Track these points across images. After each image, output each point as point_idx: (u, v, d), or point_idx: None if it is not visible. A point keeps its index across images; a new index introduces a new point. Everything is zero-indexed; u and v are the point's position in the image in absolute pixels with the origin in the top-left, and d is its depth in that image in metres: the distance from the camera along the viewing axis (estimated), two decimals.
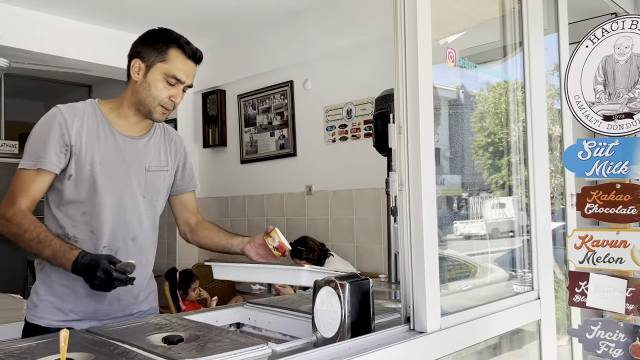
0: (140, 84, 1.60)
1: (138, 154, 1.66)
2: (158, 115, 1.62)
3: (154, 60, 1.59)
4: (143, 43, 1.63)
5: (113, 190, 1.60)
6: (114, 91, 6.01)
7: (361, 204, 4.11)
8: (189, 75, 1.62)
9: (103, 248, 1.59)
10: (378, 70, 4.01)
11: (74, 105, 1.61)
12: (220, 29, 5.09)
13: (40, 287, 1.61)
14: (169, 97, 1.60)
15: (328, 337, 1.24)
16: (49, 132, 1.53)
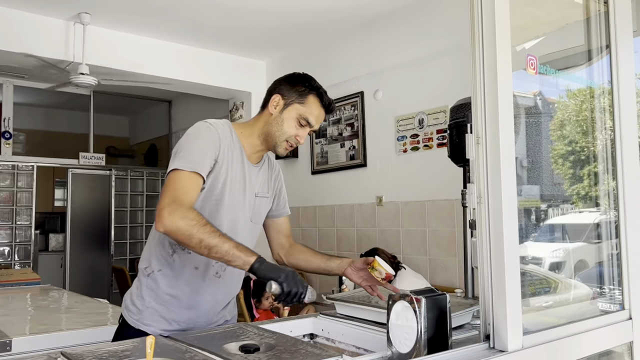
0: (274, 118, 1.70)
1: (253, 180, 1.74)
2: (281, 150, 1.71)
3: (293, 101, 1.70)
4: (287, 82, 1.74)
5: (232, 210, 1.67)
6: (192, 105, 6.31)
7: (434, 216, 4.02)
8: (318, 121, 1.73)
9: (215, 263, 1.64)
10: (451, 78, 3.94)
11: (221, 124, 1.69)
12: (291, 43, 5.20)
13: (145, 293, 1.65)
14: (295, 136, 1.70)
15: (404, 352, 1.22)
16: (206, 143, 1.60)
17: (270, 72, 5.72)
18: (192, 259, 1.62)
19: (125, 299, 1.71)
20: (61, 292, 3.37)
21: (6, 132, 6.24)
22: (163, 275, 1.64)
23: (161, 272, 1.64)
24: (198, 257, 1.59)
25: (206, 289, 1.67)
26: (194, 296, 1.65)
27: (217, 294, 1.70)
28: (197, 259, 1.61)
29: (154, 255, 1.66)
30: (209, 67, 5.42)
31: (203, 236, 1.46)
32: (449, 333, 1.26)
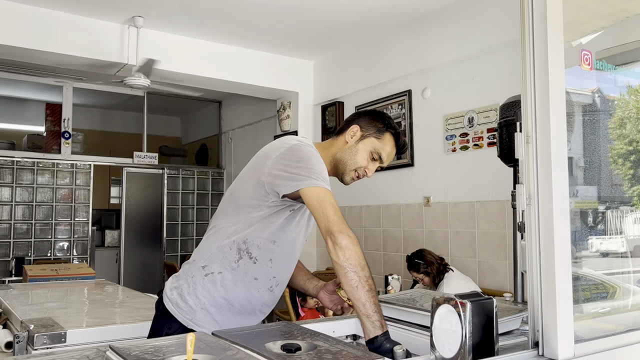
0: (349, 147, 1.73)
1: None
2: (348, 179, 1.75)
3: (370, 134, 1.73)
4: (367, 117, 1.77)
5: (300, 231, 1.71)
6: (241, 106, 6.42)
7: (484, 217, 3.92)
8: (388, 159, 1.76)
9: (272, 278, 1.69)
10: (502, 75, 3.83)
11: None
12: (338, 42, 5.19)
13: (200, 293, 1.64)
14: (365, 168, 1.73)
15: (447, 357, 1.19)
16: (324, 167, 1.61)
17: (318, 72, 5.74)
18: (255, 269, 1.64)
19: (172, 294, 1.68)
20: (115, 287, 3.49)
21: (66, 132, 6.53)
22: (222, 278, 1.64)
23: (221, 274, 1.64)
24: (261, 269, 1.64)
25: (258, 299, 1.69)
26: (245, 304, 1.67)
27: (264, 306, 1.73)
28: (259, 270, 1.64)
29: (217, 258, 1.65)
30: (258, 68, 5.49)
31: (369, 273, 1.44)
32: (496, 339, 1.21)
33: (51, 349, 1.87)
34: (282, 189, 1.56)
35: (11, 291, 3.05)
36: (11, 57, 4.76)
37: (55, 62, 4.91)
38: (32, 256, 6.20)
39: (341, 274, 1.44)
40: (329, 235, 1.45)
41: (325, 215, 1.48)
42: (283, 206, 1.62)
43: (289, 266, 1.74)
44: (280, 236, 1.65)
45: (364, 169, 1.73)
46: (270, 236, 1.64)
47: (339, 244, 1.43)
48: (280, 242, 1.65)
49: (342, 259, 1.42)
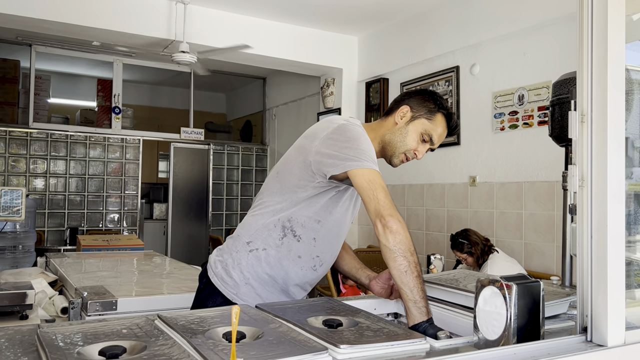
0: (399, 128, 1.68)
1: None
2: (397, 161, 1.71)
3: (421, 115, 1.67)
4: (417, 96, 1.72)
5: (346, 212, 1.70)
6: (285, 82, 6.44)
7: (532, 198, 3.82)
8: (439, 140, 1.71)
9: (316, 257, 1.68)
10: (555, 51, 3.68)
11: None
12: (383, 17, 5.09)
13: (245, 269, 1.66)
14: (415, 150, 1.68)
15: (491, 339, 1.17)
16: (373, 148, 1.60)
17: (363, 48, 5.66)
18: (299, 247, 1.64)
19: (216, 267, 1.69)
20: (163, 258, 3.61)
21: (116, 107, 6.72)
22: (267, 255, 1.65)
23: (265, 251, 1.65)
24: (304, 247, 1.64)
25: (301, 277, 1.69)
26: (289, 281, 1.68)
27: (307, 284, 1.73)
28: (302, 248, 1.64)
29: (261, 235, 1.66)
30: (302, 44, 5.46)
31: (417, 260, 1.45)
32: (541, 323, 1.19)
33: (103, 316, 1.96)
34: (330, 169, 1.54)
35: (66, 260, 3.20)
36: (65, 34, 4.91)
37: (105, 39, 5.03)
38: (84, 227, 6.48)
39: (390, 258, 1.44)
40: (379, 219, 1.44)
41: (376, 197, 1.46)
42: (329, 187, 1.61)
43: (333, 246, 1.73)
44: (324, 216, 1.65)
45: (414, 151, 1.68)
46: (315, 215, 1.63)
47: (389, 228, 1.42)
48: (324, 222, 1.65)
49: (392, 243, 1.43)
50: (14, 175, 6.13)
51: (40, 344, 1.08)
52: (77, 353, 1.04)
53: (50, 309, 2.17)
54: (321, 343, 1.12)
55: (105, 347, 1.06)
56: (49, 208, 6.30)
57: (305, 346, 1.10)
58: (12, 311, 1.94)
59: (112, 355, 1.03)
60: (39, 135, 6.24)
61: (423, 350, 1.15)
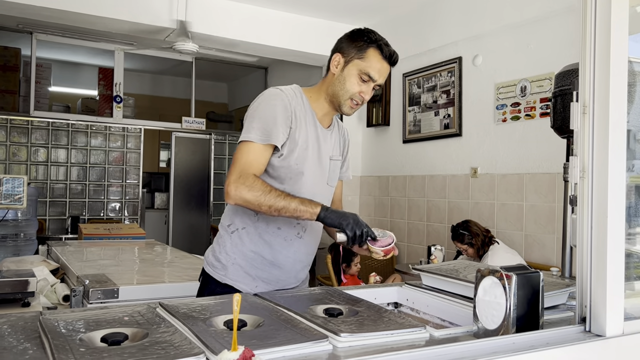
0: (337, 78, 1.68)
1: (328, 144, 1.77)
2: (347, 109, 1.70)
3: (352, 57, 1.66)
4: (346, 40, 1.71)
5: (312, 175, 1.71)
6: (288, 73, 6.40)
7: (532, 190, 3.82)
8: (381, 75, 1.68)
9: (297, 224, 1.70)
10: (558, 42, 3.66)
11: (290, 90, 1.70)
12: (386, 7, 5.07)
13: (230, 250, 1.71)
14: (359, 93, 1.67)
15: (490, 328, 1.18)
16: (277, 111, 1.62)
17: None
18: (275, 219, 1.66)
19: (208, 256, 1.77)
20: (164, 247, 3.63)
21: (117, 96, 6.70)
22: (247, 233, 1.69)
23: (245, 230, 1.69)
24: (280, 218, 1.65)
25: (288, 248, 1.71)
26: (276, 254, 1.70)
27: (298, 253, 1.74)
28: (279, 220, 1.66)
29: (239, 215, 1.71)
30: (305, 34, 5.43)
31: (271, 202, 1.53)
32: (541, 313, 1.20)
33: (105, 304, 1.97)
34: None
35: (68, 248, 3.22)
36: (66, 21, 4.89)
37: (106, 26, 5.01)
38: (86, 215, 6.49)
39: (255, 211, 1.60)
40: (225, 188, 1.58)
41: (230, 169, 1.60)
42: (273, 153, 1.65)
43: None
44: (289, 183, 1.66)
45: (359, 94, 1.67)
46: (280, 185, 1.65)
47: (227, 193, 1.56)
48: (291, 189, 1.65)
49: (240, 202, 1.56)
50: (15, 164, 6.13)
51: (42, 331, 1.09)
52: (80, 339, 1.05)
53: (52, 297, 2.18)
54: (322, 331, 1.13)
55: (107, 334, 1.07)
56: (50, 197, 6.31)
57: (306, 334, 1.11)
58: (14, 299, 1.95)
59: (114, 342, 1.04)
60: (40, 124, 6.24)
61: (423, 339, 1.16)
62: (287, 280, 1.75)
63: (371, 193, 5.53)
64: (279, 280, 1.73)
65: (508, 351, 1.03)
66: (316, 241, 1.82)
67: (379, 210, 5.40)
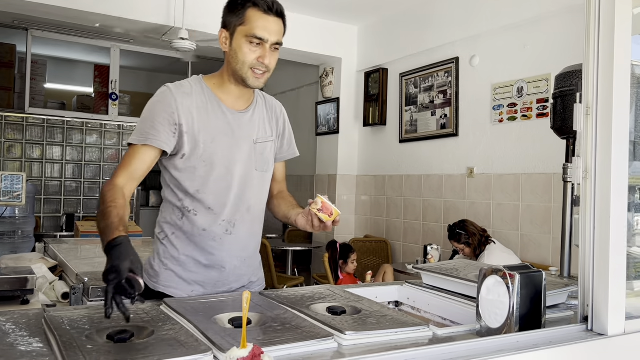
0: (229, 54, 1.59)
1: (246, 127, 1.66)
2: (252, 81, 1.58)
3: (235, 26, 1.56)
4: (226, 12, 1.61)
5: (228, 165, 1.61)
6: (284, 71, 6.37)
7: (529, 190, 3.84)
8: (270, 32, 1.55)
9: (222, 222, 1.62)
10: (554, 44, 3.68)
11: (182, 84, 1.62)
12: (383, 7, 5.07)
13: (164, 257, 1.63)
14: (257, 59, 1.55)
15: (494, 327, 1.19)
16: (158, 110, 1.56)
17: (362, 37, 5.65)
18: (198, 221, 1.60)
19: (145, 265, 1.65)
20: None
21: (113, 93, 6.68)
22: (176, 237, 1.63)
23: (174, 235, 1.63)
24: (203, 220, 1.59)
25: (219, 248, 1.63)
26: (208, 256, 1.62)
27: (231, 251, 1.65)
28: (203, 221, 1.60)
29: (166, 221, 1.65)
30: (301, 33, 5.43)
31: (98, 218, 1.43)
32: (543, 312, 1.21)
33: None
34: None
35: (63, 245, 3.21)
36: (62, 18, 4.86)
37: (103, 23, 4.99)
38: (81, 213, 6.46)
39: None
40: None
41: None
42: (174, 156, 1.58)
43: (236, 204, 1.64)
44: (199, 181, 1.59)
45: (257, 60, 1.55)
46: (190, 186, 1.59)
47: None
48: (203, 189, 1.59)
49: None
50: (10, 161, 6.10)
51: (48, 328, 1.09)
52: (86, 337, 1.05)
53: (50, 294, 2.18)
54: (326, 329, 1.14)
55: (114, 331, 1.07)
56: (45, 194, 6.28)
57: (311, 332, 1.11)
58: (13, 296, 1.94)
59: (120, 339, 1.04)
60: (35, 121, 6.20)
61: (426, 337, 1.17)
62: (227, 280, 1.66)
63: (367, 192, 5.54)
64: (217, 282, 1.64)
65: (512, 349, 1.04)
66: (253, 233, 1.71)
67: (375, 209, 5.41)
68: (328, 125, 5.76)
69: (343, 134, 5.60)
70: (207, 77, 1.67)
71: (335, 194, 5.61)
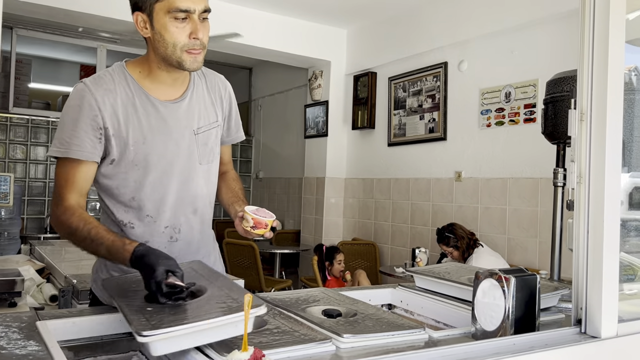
0: (154, 38, 1.37)
1: (184, 118, 1.46)
2: (189, 64, 1.37)
3: (151, 4, 1.34)
4: None
5: (165, 166, 1.44)
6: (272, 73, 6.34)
7: (516, 194, 3.88)
8: (195, 1, 1.35)
9: (165, 229, 1.46)
10: (542, 50, 3.73)
11: (102, 78, 1.39)
12: (373, 11, 5.10)
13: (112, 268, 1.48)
14: (189, 36, 1.35)
15: (489, 330, 1.20)
16: (77, 115, 1.34)
17: (351, 41, 5.67)
18: (138, 233, 1.44)
19: (94, 275, 1.56)
20: None
21: None
22: None
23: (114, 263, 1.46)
24: (142, 231, 1.44)
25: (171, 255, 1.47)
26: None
27: (182, 258, 1.44)
28: (142, 232, 1.44)
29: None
30: (290, 35, 5.44)
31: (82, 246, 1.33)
32: (537, 315, 1.22)
33: None
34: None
35: (49, 247, 3.16)
36: (48, 17, 4.81)
37: (90, 23, 4.94)
38: None
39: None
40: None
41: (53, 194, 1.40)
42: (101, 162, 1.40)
43: (177, 210, 1.48)
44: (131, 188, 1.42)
45: (189, 38, 1.35)
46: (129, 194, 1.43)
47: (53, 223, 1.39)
48: (138, 195, 1.43)
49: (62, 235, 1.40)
50: None
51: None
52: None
53: (38, 297, 2.15)
54: (324, 332, 1.14)
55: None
56: (29, 195, 6.19)
57: (308, 335, 1.11)
58: (1, 299, 1.92)
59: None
60: (19, 121, 6.12)
61: (422, 340, 1.17)
62: None
63: (355, 195, 5.56)
64: None
65: (509, 352, 1.05)
66: (203, 233, 1.56)
67: (363, 212, 5.43)
68: (317, 127, 5.76)
69: (332, 137, 5.61)
70: (130, 64, 1.45)
71: (324, 196, 5.61)
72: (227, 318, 0.99)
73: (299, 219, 6.15)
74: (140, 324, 0.98)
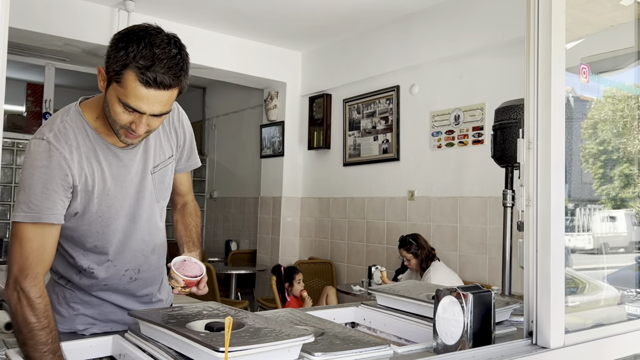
0: (106, 98, 1.30)
1: (141, 161, 1.44)
2: (124, 138, 1.32)
3: (112, 77, 1.24)
4: (108, 53, 1.26)
5: (127, 212, 1.42)
6: (227, 93, 6.35)
7: (466, 212, 4.05)
8: (149, 104, 1.23)
9: (125, 272, 1.47)
10: (489, 75, 3.95)
11: (63, 133, 1.32)
12: (327, 34, 5.24)
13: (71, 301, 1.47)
14: (131, 124, 1.27)
15: (449, 344, 1.28)
16: (49, 177, 1.26)
17: (307, 63, 5.78)
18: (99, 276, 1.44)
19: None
20: None
21: (47, 113, 6.44)
22: (83, 283, 1.46)
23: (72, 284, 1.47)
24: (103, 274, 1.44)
25: (128, 292, 1.51)
26: (120, 299, 1.50)
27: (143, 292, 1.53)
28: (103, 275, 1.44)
29: (61, 275, 1.48)
30: (246, 56, 5.50)
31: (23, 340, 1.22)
32: (493, 328, 1.31)
33: None
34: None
35: (0, 274, 3.05)
36: None
37: (41, 42, 4.84)
38: None
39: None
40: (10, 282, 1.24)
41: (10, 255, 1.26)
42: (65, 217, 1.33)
43: (138, 252, 1.48)
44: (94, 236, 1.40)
45: (130, 125, 1.27)
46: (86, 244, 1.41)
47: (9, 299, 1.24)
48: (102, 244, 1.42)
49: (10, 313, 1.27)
50: None
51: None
52: None
53: None
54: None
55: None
56: None
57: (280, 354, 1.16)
58: None
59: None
60: None
61: (387, 356, 1.24)
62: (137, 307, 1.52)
63: (312, 214, 5.62)
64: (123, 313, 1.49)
65: None
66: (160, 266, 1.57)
67: (320, 231, 5.50)
68: (273, 147, 5.82)
69: (288, 157, 5.67)
70: (87, 108, 1.37)
71: (280, 215, 5.65)
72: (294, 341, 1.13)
73: (255, 238, 6.15)
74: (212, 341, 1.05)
